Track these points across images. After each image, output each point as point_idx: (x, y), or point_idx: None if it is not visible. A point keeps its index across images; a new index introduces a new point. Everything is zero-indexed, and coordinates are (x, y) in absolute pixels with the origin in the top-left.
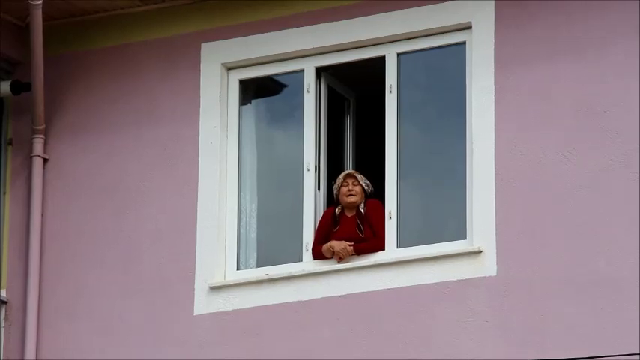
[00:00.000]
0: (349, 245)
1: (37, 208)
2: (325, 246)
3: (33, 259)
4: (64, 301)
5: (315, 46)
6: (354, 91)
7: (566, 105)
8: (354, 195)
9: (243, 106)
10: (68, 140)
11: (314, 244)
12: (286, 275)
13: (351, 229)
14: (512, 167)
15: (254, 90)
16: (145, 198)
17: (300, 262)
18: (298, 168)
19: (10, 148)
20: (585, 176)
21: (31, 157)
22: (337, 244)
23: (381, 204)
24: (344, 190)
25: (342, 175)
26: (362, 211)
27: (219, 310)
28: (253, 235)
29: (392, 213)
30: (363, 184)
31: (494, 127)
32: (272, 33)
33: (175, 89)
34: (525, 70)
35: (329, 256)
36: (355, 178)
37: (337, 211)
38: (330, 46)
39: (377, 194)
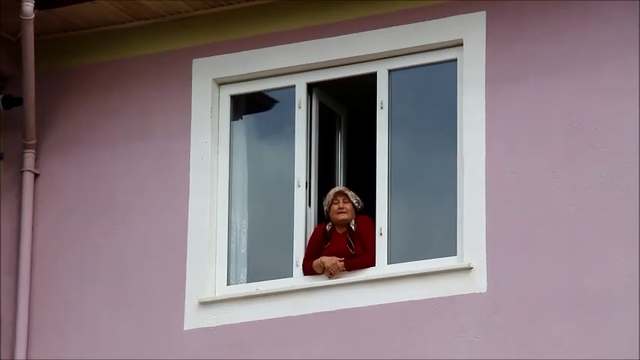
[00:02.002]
0: (340, 261)
1: (27, 222)
2: (316, 262)
3: (23, 274)
4: (54, 316)
5: (306, 62)
6: (345, 107)
7: (556, 122)
8: (344, 212)
9: (235, 122)
10: (59, 155)
11: (304, 260)
12: (276, 291)
13: (342, 246)
14: (503, 184)
15: (245, 105)
16: (135, 213)
17: (291, 278)
18: (289, 183)
19: (0, 162)
20: (576, 193)
21: (22, 171)
22: (328, 260)
23: (371, 220)
24: (334, 207)
25: (332, 192)
26: (352, 227)
27: (209, 326)
28: (244, 250)
29: (382, 229)
30: (354, 201)
31: (484, 143)
32: (263, 49)
33: (167, 104)
34: (516, 87)
35: (319, 271)
36: (346, 195)
37: (328, 227)
38: (322, 62)
39: (367, 210)
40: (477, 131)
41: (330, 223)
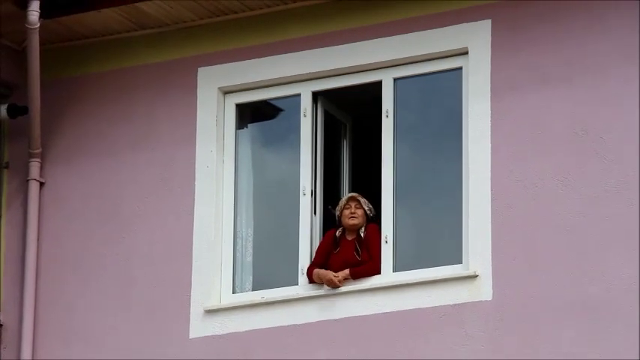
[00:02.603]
0: (335, 276)
1: (32, 231)
2: (315, 272)
3: (28, 282)
4: (59, 324)
5: (311, 71)
6: (350, 115)
7: (562, 130)
8: (355, 218)
9: (240, 130)
10: (64, 164)
11: (310, 266)
12: (282, 299)
13: (350, 253)
14: (508, 192)
15: (250, 114)
16: (141, 221)
17: (296, 286)
18: (294, 192)
19: (5, 171)
20: (581, 201)
21: (28, 180)
22: (324, 276)
23: (379, 228)
24: (346, 212)
25: (346, 197)
26: (362, 234)
27: (214, 334)
28: (249, 258)
29: (388, 237)
30: (366, 208)
31: (490, 151)
32: (269, 57)
33: (172, 113)
34: (521, 95)
35: (319, 282)
36: (358, 201)
37: (338, 233)
38: (327, 70)
39: (374, 218)
40: (482, 139)
41: (340, 229)
